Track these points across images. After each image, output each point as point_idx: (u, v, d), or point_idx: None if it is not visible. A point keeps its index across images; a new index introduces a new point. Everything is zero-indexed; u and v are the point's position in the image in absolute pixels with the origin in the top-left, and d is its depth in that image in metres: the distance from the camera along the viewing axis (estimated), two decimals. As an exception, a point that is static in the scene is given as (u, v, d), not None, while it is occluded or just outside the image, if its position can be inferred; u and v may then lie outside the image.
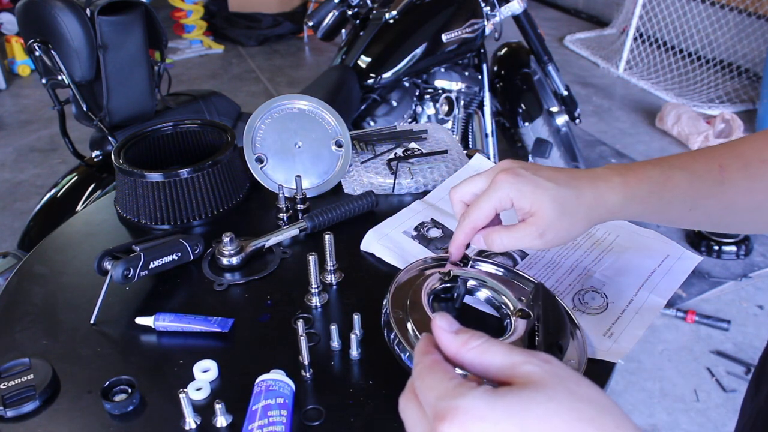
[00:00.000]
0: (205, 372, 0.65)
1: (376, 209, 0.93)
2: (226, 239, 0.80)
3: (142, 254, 0.74)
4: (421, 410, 0.38)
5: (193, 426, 0.59)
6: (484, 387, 0.36)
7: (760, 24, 3.92)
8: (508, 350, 0.39)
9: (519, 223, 0.63)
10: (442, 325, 0.41)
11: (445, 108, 2.16)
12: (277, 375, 0.61)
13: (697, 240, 2.49)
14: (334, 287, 0.77)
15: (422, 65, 2.08)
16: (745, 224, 0.65)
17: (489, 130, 2.36)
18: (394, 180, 0.97)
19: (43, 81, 1.54)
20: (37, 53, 1.48)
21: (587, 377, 0.38)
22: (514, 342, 0.63)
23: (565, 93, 2.50)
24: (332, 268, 0.78)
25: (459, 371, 0.39)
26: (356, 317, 0.67)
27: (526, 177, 0.61)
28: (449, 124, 2.19)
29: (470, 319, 0.72)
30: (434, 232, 0.86)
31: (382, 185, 0.97)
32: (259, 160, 0.97)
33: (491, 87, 2.41)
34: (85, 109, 1.56)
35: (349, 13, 2.07)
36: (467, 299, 0.73)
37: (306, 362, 0.64)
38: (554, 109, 2.62)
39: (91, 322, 0.72)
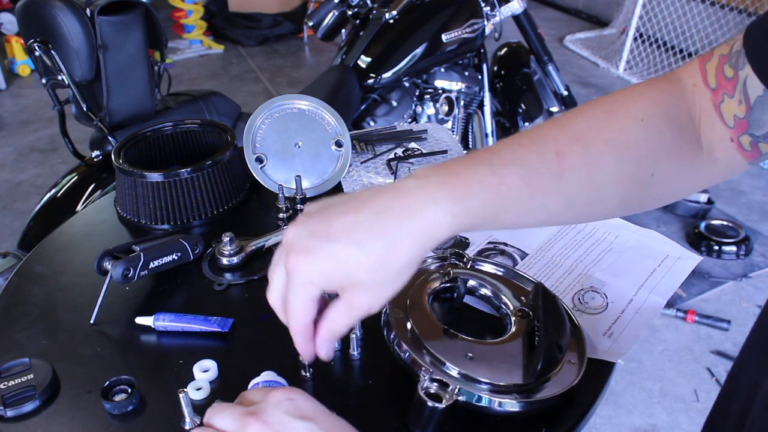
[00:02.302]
0: (205, 372, 0.65)
1: (376, 209, 0.92)
2: (226, 239, 0.80)
3: (142, 254, 0.74)
4: None
5: (193, 426, 0.59)
6: None
7: (760, 24, 3.91)
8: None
9: (338, 300, 0.51)
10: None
11: (445, 108, 2.16)
12: (269, 376, 0.61)
13: (697, 240, 2.49)
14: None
15: (422, 65, 2.07)
16: (581, 218, 0.58)
17: (489, 130, 2.36)
18: (394, 180, 0.97)
19: (43, 81, 1.54)
20: (37, 53, 1.48)
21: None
22: (514, 342, 0.63)
23: (565, 93, 2.50)
24: (332, 268, 0.78)
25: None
26: (356, 317, 0.67)
27: (320, 250, 0.48)
28: (449, 124, 2.19)
29: (470, 319, 0.72)
30: (434, 232, 0.86)
31: (382, 185, 0.97)
32: (259, 160, 0.97)
33: (491, 87, 2.41)
34: (85, 109, 1.56)
35: (349, 13, 2.07)
36: (467, 299, 0.73)
37: (306, 362, 0.63)
38: (554, 109, 2.62)
39: (91, 322, 0.72)
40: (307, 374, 0.64)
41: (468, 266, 0.73)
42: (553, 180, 0.50)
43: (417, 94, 2.14)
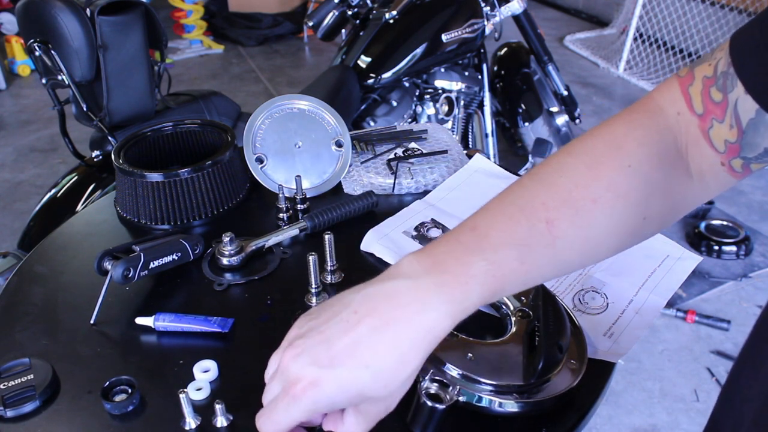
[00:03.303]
0: (205, 372, 0.65)
1: (376, 209, 0.93)
2: (226, 239, 0.80)
3: (142, 254, 0.74)
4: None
5: (193, 426, 0.59)
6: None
7: (760, 24, 3.91)
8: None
9: (354, 412, 0.49)
10: None
11: (445, 108, 2.16)
12: None
13: (697, 240, 2.49)
14: (334, 287, 0.77)
15: (422, 65, 2.07)
16: (573, 270, 0.56)
17: (489, 130, 2.36)
18: (394, 180, 0.97)
19: (43, 81, 1.54)
20: (37, 53, 1.48)
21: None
22: (514, 342, 0.63)
23: (565, 93, 2.50)
24: (332, 268, 0.78)
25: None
26: (356, 317, 0.67)
27: (327, 380, 0.45)
28: (449, 124, 2.19)
29: (470, 319, 0.72)
30: (434, 232, 0.86)
31: (382, 185, 0.97)
32: (259, 160, 0.97)
33: (491, 87, 2.41)
34: (85, 109, 1.56)
35: (349, 13, 2.07)
36: (467, 299, 0.73)
37: None
38: (554, 109, 2.62)
39: (91, 322, 0.72)
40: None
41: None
42: (547, 250, 0.49)
43: (417, 94, 2.14)
